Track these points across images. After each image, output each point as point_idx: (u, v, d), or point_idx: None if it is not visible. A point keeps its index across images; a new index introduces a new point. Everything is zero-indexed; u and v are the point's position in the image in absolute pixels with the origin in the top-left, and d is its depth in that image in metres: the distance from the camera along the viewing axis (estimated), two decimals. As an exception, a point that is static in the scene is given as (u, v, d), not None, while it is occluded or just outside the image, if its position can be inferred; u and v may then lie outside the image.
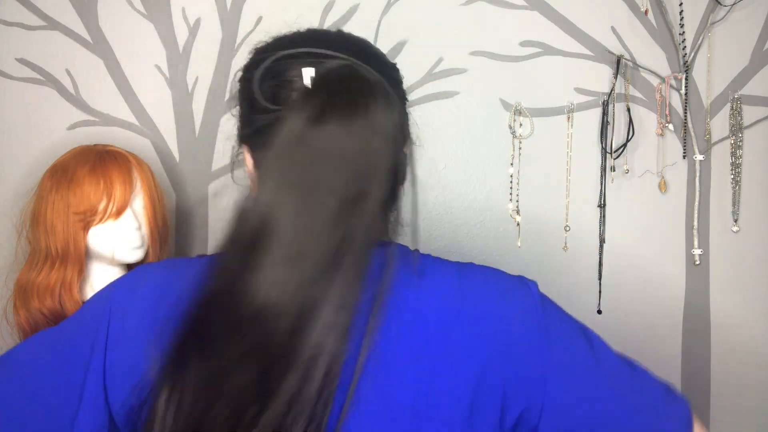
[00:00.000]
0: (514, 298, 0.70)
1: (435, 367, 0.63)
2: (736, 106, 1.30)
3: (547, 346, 0.68)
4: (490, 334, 0.66)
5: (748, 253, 1.33)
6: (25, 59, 1.21)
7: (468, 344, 0.65)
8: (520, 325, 0.68)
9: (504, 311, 0.68)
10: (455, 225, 1.31)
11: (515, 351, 0.66)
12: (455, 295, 0.69)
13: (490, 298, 0.69)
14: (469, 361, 0.64)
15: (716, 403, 1.34)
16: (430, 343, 0.64)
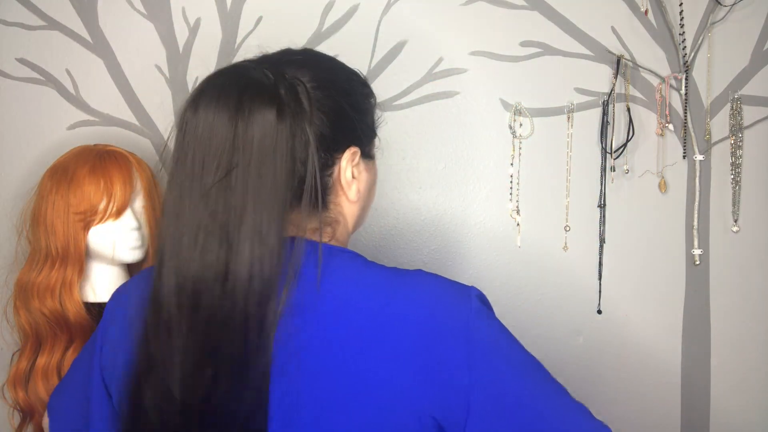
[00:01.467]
0: (439, 313, 0.69)
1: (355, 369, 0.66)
2: (736, 106, 1.30)
3: (471, 375, 0.67)
4: (411, 353, 0.66)
5: (748, 253, 1.33)
6: (25, 59, 1.21)
7: (386, 365, 0.65)
8: (442, 346, 0.67)
9: (427, 326, 0.67)
10: (455, 225, 1.31)
11: (435, 376, 0.66)
12: (375, 305, 0.68)
13: (413, 313, 0.68)
14: (389, 383, 0.65)
15: (716, 403, 1.34)
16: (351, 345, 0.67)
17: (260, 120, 0.65)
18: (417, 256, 1.31)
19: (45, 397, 1.04)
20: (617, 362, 1.34)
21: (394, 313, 0.67)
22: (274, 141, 0.65)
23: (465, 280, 1.31)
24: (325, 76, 0.75)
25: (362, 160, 0.78)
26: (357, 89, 0.78)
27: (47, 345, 1.05)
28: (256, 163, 0.65)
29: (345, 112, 0.75)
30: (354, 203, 0.77)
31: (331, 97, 0.73)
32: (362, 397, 0.65)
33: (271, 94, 0.67)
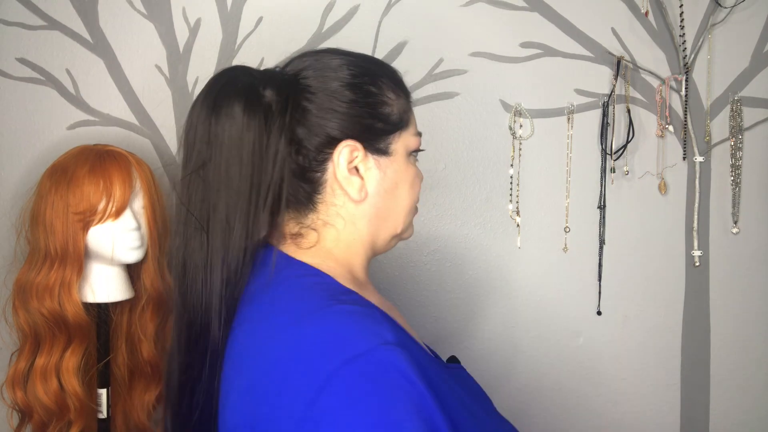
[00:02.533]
0: (293, 378, 0.58)
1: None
2: (736, 108, 1.30)
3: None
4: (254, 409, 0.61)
5: (747, 255, 1.33)
6: (26, 59, 1.21)
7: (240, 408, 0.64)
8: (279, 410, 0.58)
9: (276, 386, 0.59)
10: (455, 226, 1.31)
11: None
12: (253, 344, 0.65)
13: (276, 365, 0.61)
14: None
15: (716, 404, 1.34)
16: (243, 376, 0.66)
17: (230, 117, 0.68)
18: (417, 257, 1.31)
19: (43, 398, 1.03)
20: (617, 363, 1.33)
21: (270, 359, 0.62)
22: (241, 137, 0.67)
23: (465, 281, 1.31)
24: (321, 69, 0.73)
25: (373, 157, 0.73)
26: (360, 81, 0.73)
27: (46, 345, 1.05)
28: (225, 159, 0.67)
29: (338, 104, 0.71)
30: (359, 203, 0.72)
31: (323, 89, 0.72)
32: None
33: (244, 93, 0.69)
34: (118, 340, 1.12)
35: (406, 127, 0.78)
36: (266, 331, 0.64)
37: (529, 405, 1.33)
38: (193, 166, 0.69)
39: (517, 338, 1.32)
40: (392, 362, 0.56)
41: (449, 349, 1.30)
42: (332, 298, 0.65)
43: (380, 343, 0.57)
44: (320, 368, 0.56)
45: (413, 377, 0.56)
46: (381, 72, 0.76)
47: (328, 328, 0.60)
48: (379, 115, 0.74)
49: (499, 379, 1.32)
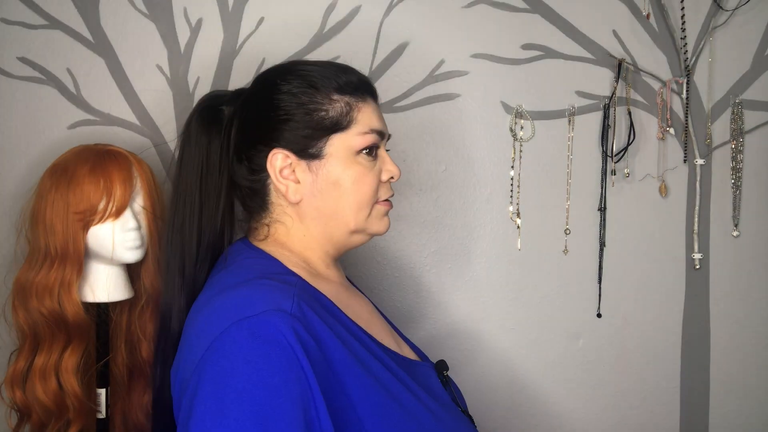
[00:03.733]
0: (197, 346, 0.70)
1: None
2: (737, 111, 1.30)
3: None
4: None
5: (748, 258, 1.33)
6: (27, 58, 1.21)
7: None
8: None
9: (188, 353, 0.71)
10: (456, 227, 1.31)
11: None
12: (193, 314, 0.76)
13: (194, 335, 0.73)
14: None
15: (716, 406, 1.34)
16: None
17: (195, 136, 0.85)
18: (417, 258, 1.31)
19: (42, 398, 1.03)
20: (617, 365, 1.33)
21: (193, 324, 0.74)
22: (192, 152, 0.84)
23: (465, 282, 1.31)
24: (261, 80, 0.85)
25: (305, 161, 0.81)
26: (289, 88, 0.81)
27: (45, 345, 1.05)
28: (185, 173, 0.84)
29: (259, 116, 0.82)
30: (296, 204, 0.82)
31: (248, 103, 0.84)
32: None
33: (208, 112, 0.86)
34: (118, 340, 1.12)
35: (346, 128, 0.82)
36: (202, 303, 0.74)
37: (529, 407, 1.33)
38: (175, 175, 0.86)
39: (517, 340, 1.32)
40: (276, 325, 0.64)
41: (449, 352, 1.30)
42: (263, 275, 0.75)
43: (272, 308, 0.66)
44: (217, 326, 0.66)
45: (294, 341, 0.63)
46: (319, 79, 0.81)
47: (237, 295, 0.69)
48: (308, 122, 0.81)
49: (499, 381, 1.32)
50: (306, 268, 0.81)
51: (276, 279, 0.74)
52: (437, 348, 1.30)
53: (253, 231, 0.86)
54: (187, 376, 0.67)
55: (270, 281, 0.73)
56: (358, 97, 0.83)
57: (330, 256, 0.85)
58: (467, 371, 1.31)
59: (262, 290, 0.70)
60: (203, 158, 0.83)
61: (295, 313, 0.67)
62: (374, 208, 0.84)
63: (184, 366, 0.70)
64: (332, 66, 0.84)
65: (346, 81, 0.82)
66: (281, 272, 0.77)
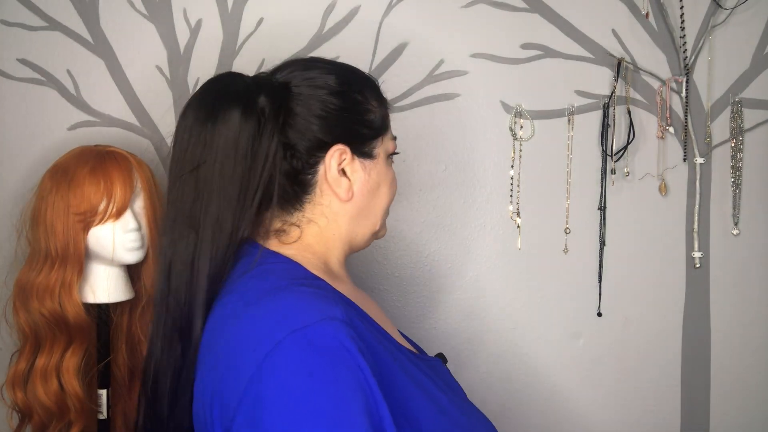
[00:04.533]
0: (247, 352, 0.63)
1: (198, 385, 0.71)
2: (737, 110, 1.30)
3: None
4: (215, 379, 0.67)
5: (748, 256, 1.33)
6: (26, 60, 1.21)
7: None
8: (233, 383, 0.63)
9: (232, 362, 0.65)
10: (456, 227, 1.31)
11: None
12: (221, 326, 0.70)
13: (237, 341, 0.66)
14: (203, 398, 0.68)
15: (716, 405, 1.34)
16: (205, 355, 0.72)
17: (226, 121, 0.72)
18: (417, 258, 1.31)
19: (43, 399, 1.03)
20: (617, 365, 1.33)
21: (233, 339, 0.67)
22: (237, 140, 0.72)
23: (465, 282, 1.31)
24: (312, 77, 0.79)
25: (358, 160, 0.79)
26: (350, 89, 0.79)
27: (46, 346, 1.05)
28: (221, 161, 0.72)
29: (329, 111, 0.77)
30: (345, 202, 0.78)
31: (314, 96, 0.77)
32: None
33: (241, 97, 0.74)
34: (119, 341, 1.12)
35: (386, 132, 0.84)
36: (231, 311, 0.69)
37: (529, 406, 1.33)
38: (188, 167, 0.73)
39: (517, 340, 1.32)
40: (334, 334, 0.62)
41: (449, 352, 1.30)
42: (294, 280, 0.71)
43: (325, 317, 0.63)
44: (268, 338, 0.61)
45: (353, 349, 0.61)
46: (364, 82, 0.83)
47: (282, 305, 0.65)
48: (364, 121, 0.80)
49: (500, 380, 1.32)
50: (324, 269, 0.78)
51: (307, 285, 0.70)
52: (437, 347, 1.30)
53: (279, 233, 0.78)
54: (234, 395, 0.62)
55: (306, 288, 0.69)
56: (386, 104, 0.86)
57: (345, 256, 0.84)
58: (467, 371, 1.31)
59: (306, 297, 0.67)
60: (248, 148, 0.72)
61: (347, 320, 0.64)
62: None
63: (224, 383, 0.64)
64: (361, 70, 0.86)
65: (375, 86, 0.85)
66: (307, 276, 0.74)
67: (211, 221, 0.72)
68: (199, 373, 0.72)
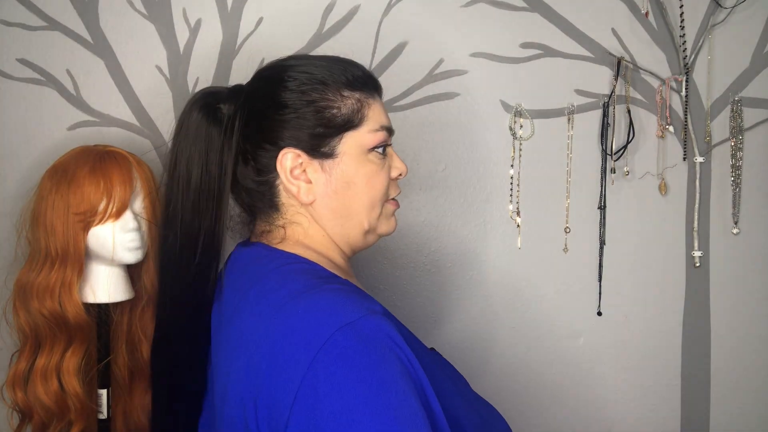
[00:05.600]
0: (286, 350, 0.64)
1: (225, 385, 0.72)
2: (737, 108, 1.30)
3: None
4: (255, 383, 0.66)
5: (748, 255, 1.33)
6: (26, 59, 1.21)
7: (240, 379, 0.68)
8: (279, 381, 0.63)
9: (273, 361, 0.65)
10: (455, 226, 1.31)
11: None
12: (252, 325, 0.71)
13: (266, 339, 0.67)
14: (237, 400, 0.68)
15: (716, 404, 1.34)
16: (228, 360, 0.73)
17: (195, 132, 0.78)
18: (417, 258, 1.31)
19: (44, 398, 1.03)
20: (617, 364, 1.33)
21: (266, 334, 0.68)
22: (196, 151, 0.78)
23: (465, 282, 1.31)
24: (260, 78, 0.81)
25: (317, 160, 0.77)
26: (302, 88, 0.77)
27: (46, 346, 1.05)
28: (187, 169, 0.78)
29: (275, 115, 0.77)
30: (308, 205, 0.78)
31: (256, 100, 0.79)
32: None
33: (208, 108, 0.79)
34: (119, 341, 1.12)
35: (357, 126, 0.79)
36: (263, 311, 0.69)
37: (529, 405, 1.33)
38: (170, 174, 0.80)
39: (517, 339, 1.32)
40: (381, 327, 0.63)
41: (449, 351, 1.30)
42: (320, 279, 0.71)
43: (368, 312, 0.64)
44: (315, 337, 0.61)
45: (400, 341, 0.63)
46: (329, 74, 0.79)
47: (321, 303, 0.66)
48: (319, 120, 0.77)
49: (500, 379, 1.32)
50: (335, 267, 0.79)
51: (335, 283, 0.71)
52: (437, 346, 1.30)
53: (266, 234, 0.81)
54: (285, 396, 0.61)
55: (336, 285, 0.70)
56: (367, 93, 0.81)
57: (347, 256, 0.83)
58: (467, 370, 1.31)
59: (342, 294, 0.68)
60: (202, 158, 0.77)
61: (386, 313, 0.66)
62: (384, 207, 0.83)
63: (269, 384, 0.63)
64: (339, 61, 0.82)
65: (355, 76, 0.80)
66: (329, 276, 0.74)
67: (184, 227, 0.78)
68: (223, 373, 0.71)
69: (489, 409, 0.80)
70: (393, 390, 0.59)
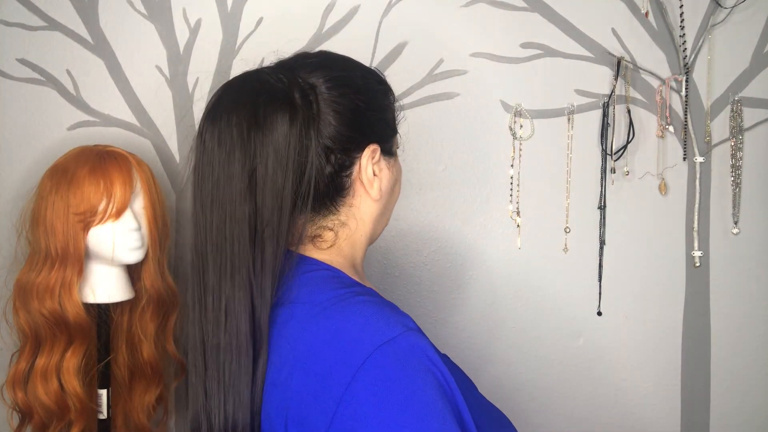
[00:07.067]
0: (331, 360, 0.61)
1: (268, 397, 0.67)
2: (737, 108, 1.30)
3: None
4: (295, 393, 0.63)
5: (748, 256, 1.33)
6: (26, 60, 1.21)
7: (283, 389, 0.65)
8: (316, 396, 0.61)
9: (313, 369, 0.62)
10: (455, 226, 1.31)
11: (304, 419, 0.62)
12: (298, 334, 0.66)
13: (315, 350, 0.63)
14: (279, 412, 0.65)
15: (716, 404, 1.34)
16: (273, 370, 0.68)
17: (274, 126, 0.68)
18: (417, 258, 1.31)
19: (44, 398, 1.04)
20: (617, 363, 1.33)
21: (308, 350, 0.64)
22: (287, 146, 0.68)
23: (465, 282, 1.31)
24: (339, 76, 0.76)
25: (383, 158, 0.77)
26: (373, 87, 0.78)
27: (46, 346, 1.05)
28: (273, 168, 0.67)
29: (361, 110, 0.75)
30: (377, 201, 0.77)
31: (346, 96, 0.74)
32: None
33: (284, 101, 0.70)
34: (119, 341, 1.12)
35: (397, 130, 0.83)
36: (288, 324, 0.67)
37: (529, 405, 1.33)
38: (245, 177, 0.68)
39: (517, 339, 1.32)
40: (420, 346, 0.61)
41: (449, 350, 1.30)
42: (348, 288, 0.69)
43: (406, 329, 0.62)
44: (353, 355, 0.60)
45: (438, 360, 0.61)
46: (380, 79, 0.81)
47: (356, 318, 0.63)
48: (387, 119, 0.79)
49: (500, 379, 1.32)
50: (355, 272, 0.77)
51: (363, 293, 0.69)
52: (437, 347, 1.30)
53: (313, 239, 0.75)
54: (322, 417, 0.60)
55: (365, 297, 0.68)
56: (394, 99, 0.84)
57: (364, 256, 0.83)
58: (467, 369, 1.31)
59: (374, 307, 0.65)
60: (293, 150, 0.68)
61: (419, 329, 0.65)
62: None
63: (303, 402, 0.62)
64: (374, 69, 0.84)
65: (388, 84, 0.83)
66: (353, 284, 0.72)
67: (271, 234, 0.68)
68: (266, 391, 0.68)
69: (498, 415, 0.79)
70: (433, 413, 0.58)
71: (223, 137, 0.68)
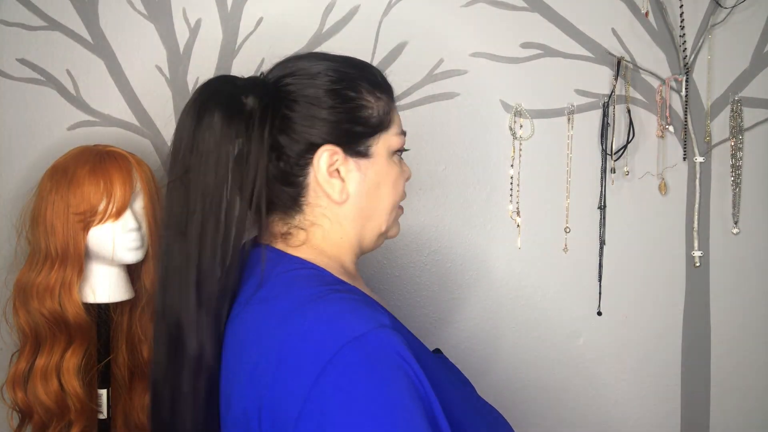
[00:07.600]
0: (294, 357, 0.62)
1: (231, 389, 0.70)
2: (737, 108, 1.30)
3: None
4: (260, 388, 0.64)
5: (748, 255, 1.33)
6: (26, 59, 1.21)
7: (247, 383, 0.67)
8: (284, 394, 0.61)
9: (280, 367, 0.63)
10: (456, 226, 1.31)
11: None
12: (266, 329, 0.68)
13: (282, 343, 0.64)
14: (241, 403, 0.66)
15: (716, 404, 1.34)
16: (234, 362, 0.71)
17: (209, 126, 0.71)
18: (417, 258, 1.31)
19: (44, 398, 1.03)
20: (617, 363, 1.33)
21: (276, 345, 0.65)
22: (219, 145, 0.70)
23: (465, 282, 1.31)
24: (299, 75, 0.76)
25: (352, 159, 0.75)
26: (338, 86, 0.76)
27: (46, 346, 1.05)
28: (204, 166, 0.70)
29: (316, 111, 0.74)
30: (341, 204, 0.76)
31: (302, 96, 0.75)
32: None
33: (225, 101, 0.73)
34: (119, 341, 1.12)
35: (387, 128, 0.79)
36: (267, 319, 0.67)
37: (529, 405, 1.33)
38: (177, 172, 0.73)
39: (517, 339, 1.32)
40: (390, 343, 0.61)
41: (449, 350, 1.30)
42: (328, 286, 0.70)
43: (377, 325, 0.62)
44: (322, 350, 0.60)
45: (409, 358, 0.61)
46: (360, 75, 0.78)
47: (329, 314, 0.64)
48: (357, 119, 0.76)
49: (500, 379, 1.32)
50: (345, 273, 0.77)
51: (343, 291, 0.69)
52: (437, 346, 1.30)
53: (285, 236, 0.77)
54: (291, 408, 0.60)
55: (344, 294, 0.68)
56: (390, 96, 0.81)
57: (357, 258, 0.82)
58: (467, 369, 1.31)
59: (350, 304, 0.66)
60: (229, 153, 0.71)
61: (395, 326, 0.64)
62: (396, 211, 0.83)
63: (275, 395, 0.62)
64: (365, 63, 0.82)
65: (382, 79, 0.80)
66: (337, 282, 0.73)
67: (195, 229, 0.71)
68: (234, 386, 0.69)
69: (494, 416, 0.79)
70: (400, 410, 0.58)
71: (177, 135, 0.74)
